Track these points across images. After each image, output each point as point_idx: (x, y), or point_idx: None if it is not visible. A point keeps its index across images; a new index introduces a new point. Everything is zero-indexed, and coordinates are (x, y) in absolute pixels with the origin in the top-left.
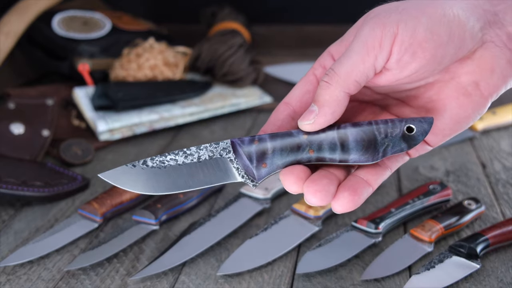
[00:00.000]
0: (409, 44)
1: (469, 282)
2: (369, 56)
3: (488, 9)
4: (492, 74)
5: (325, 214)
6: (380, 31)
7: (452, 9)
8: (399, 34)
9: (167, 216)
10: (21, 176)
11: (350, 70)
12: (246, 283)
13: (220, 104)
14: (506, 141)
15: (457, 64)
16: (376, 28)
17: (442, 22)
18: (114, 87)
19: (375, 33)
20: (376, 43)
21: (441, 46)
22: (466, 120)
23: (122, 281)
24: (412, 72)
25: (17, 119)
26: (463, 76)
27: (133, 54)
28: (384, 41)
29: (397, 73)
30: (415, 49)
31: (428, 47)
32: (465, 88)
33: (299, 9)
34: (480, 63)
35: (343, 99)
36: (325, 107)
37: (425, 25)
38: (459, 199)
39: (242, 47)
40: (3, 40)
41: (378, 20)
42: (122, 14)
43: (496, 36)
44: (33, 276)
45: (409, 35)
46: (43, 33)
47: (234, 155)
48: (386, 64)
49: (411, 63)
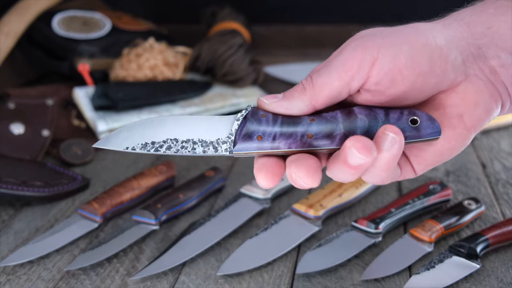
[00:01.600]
0: (389, 69)
1: (469, 282)
2: (346, 75)
3: (472, 42)
4: (475, 107)
5: (325, 214)
6: (361, 53)
7: (435, 39)
8: (379, 59)
9: (167, 216)
10: (21, 176)
11: (325, 83)
12: (246, 283)
13: (220, 104)
14: (506, 141)
15: (442, 95)
16: (357, 49)
17: (424, 52)
18: (114, 87)
19: (355, 54)
20: (355, 64)
21: (421, 75)
22: (449, 152)
23: (122, 281)
24: (392, 98)
25: (17, 119)
26: (449, 108)
27: (133, 54)
28: (363, 63)
29: (377, 96)
30: (395, 76)
31: (408, 75)
32: (450, 120)
33: (299, 9)
34: (464, 96)
35: (306, 108)
36: (285, 102)
37: (406, 53)
38: (459, 199)
39: (242, 47)
40: (3, 40)
41: (361, 42)
42: (122, 14)
43: (479, 70)
44: (33, 276)
45: (389, 60)
46: (43, 33)
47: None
48: (365, 85)
49: (390, 89)
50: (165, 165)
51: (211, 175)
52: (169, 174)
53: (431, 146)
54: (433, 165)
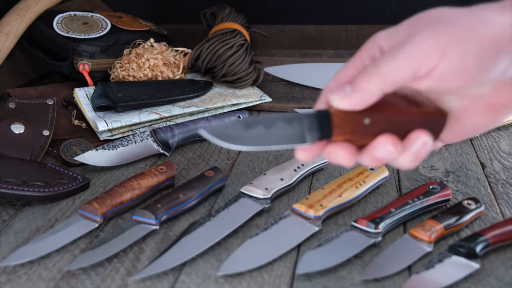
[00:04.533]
0: (457, 65)
1: (469, 282)
2: (414, 65)
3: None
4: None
5: (325, 214)
6: (432, 44)
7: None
8: (449, 54)
9: (167, 216)
10: (21, 176)
11: (393, 71)
12: (246, 283)
13: (220, 104)
14: (506, 141)
15: (493, 86)
16: (429, 39)
17: (491, 51)
18: (114, 87)
19: (426, 43)
20: (424, 56)
21: (485, 72)
22: (484, 129)
23: (123, 281)
24: (450, 87)
25: (17, 119)
26: (495, 98)
27: (133, 54)
28: (432, 55)
29: (436, 84)
30: (460, 71)
31: (472, 72)
32: (493, 107)
33: (299, 10)
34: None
35: (376, 94)
36: (357, 93)
37: (475, 51)
38: (459, 199)
39: (242, 47)
40: (3, 40)
41: (432, 31)
42: (122, 14)
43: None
44: (33, 276)
45: (458, 57)
46: (43, 33)
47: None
48: (430, 74)
49: (451, 82)
50: (165, 165)
51: (211, 175)
52: (169, 174)
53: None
54: (467, 136)
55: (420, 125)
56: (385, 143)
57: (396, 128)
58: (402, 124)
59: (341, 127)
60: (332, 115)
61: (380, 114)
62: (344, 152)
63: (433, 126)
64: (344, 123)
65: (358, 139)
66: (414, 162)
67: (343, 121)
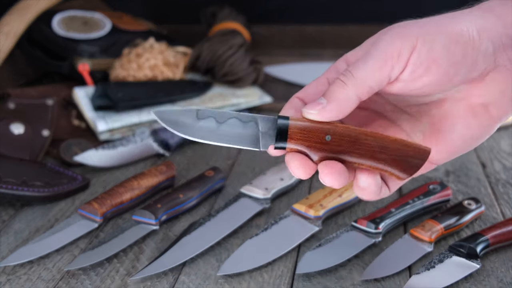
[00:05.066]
0: (425, 58)
1: (469, 282)
2: (386, 65)
3: (503, 32)
4: (502, 97)
5: (325, 214)
6: (400, 42)
7: (469, 30)
8: (417, 48)
9: (167, 216)
10: (21, 176)
11: (367, 75)
12: (246, 283)
13: (220, 104)
14: (506, 141)
15: (468, 85)
16: (396, 39)
17: (459, 42)
18: (114, 87)
19: (395, 43)
20: (395, 53)
21: (454, 64)
22: (472, 141)
23: (122, 281)
24: (423, 86)
25: (17, 119)
26: (474, 98)
27: (133, 54)
28: (402, 52)
29: (409, 84)
30: (430, 64)
31: (442, 64)
32: (475, 109)
33: (299, 9)
34: (492, 86)
35: (353, 101)
36: (334, 103)
37: (442, 42)
38: (459, 199)
39: (242, 47)
40: (3, 40)
41: (399, 31)
42: (122, 14)
43: (508, 60)
44: (33, 276)
45: (426, 49)
46: (43, 33)
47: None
48: (400, 75)
49: (423, 77)
50: (165, 165)
51: (211, 175)
52: (169, 174)
53: (454, 133)
54: (456, 154)
55: (389, 154)
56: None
57: (359, 151)
58: (368, 149)
59: (298, 139)
60: (291, 125)
61: (342, 134)
62: (296, 165)
63: (407, 158)
64: (301, 136)
65: (316, 154)
66: (364, 196)
67: (301, 133)
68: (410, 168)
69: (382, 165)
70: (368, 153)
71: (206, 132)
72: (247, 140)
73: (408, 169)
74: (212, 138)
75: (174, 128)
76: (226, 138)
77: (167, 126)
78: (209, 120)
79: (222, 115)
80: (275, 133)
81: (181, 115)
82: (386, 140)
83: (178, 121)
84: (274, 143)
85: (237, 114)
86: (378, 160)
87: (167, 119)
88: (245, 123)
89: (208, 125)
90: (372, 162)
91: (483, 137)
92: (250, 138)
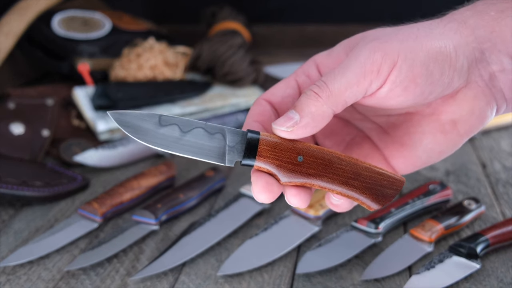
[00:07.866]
0: (405, 76)
1: (469, 282)
2: (365, 80)
3: (476, 47)
4: (471, 115)
5: (325, 214)
6: (381, 57)
7: (447, 46)
8: (398, 65)
9: (167, 216)
10: (21, 176)
11: (343, 89)
12: (246, 283)
13: (220, 104)
14: (506, 141)
15: (439, 101)
16: (376, 52)
17: (437, 60)
18: (114, 87)
19: (375, 57)
20: (375, 68)
21: (432, 84)
22: (438, 155)
23: (122, 281)
24: (397, 104)
25: (17, 119)
26: (444, 114)
27: (133, 54)
28: (383, 67)
29: (383, 101)
30: (408, 84)
31: (420, 83)
32: (443, 125)
33: (299, 9)
34: (462, 103)
35: (328, 115)
36: (308, 119)
37: (422, 60)
38: (459, 199)
39: (242, 47)
40: (3, 40)
41: (379, 45)
42: (122, 14)
43: (479, 76)
44: (33, 276)
45: (406, 67)
46: (43, 33)
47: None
48: (377, 91)
49: (400, 97)
50: (165, 165)
51: (211, 175)
52: (169, 174)
53: (420, 147)
54: (420, 166)
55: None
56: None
57: (331, 176)
58: (341, 173)
59: (267, 157)
60: (261, 140)
61: (316, 156)
62: (260, 188)
63: (381, 188)
64: (271, 154)
65: (285, 176)
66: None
67: (272, 151)
68: (382, 198)
69: (354, 192)
70: (340, 178)
71: (168, 140)
72: (212, 153)
73: (379, 199)
74: (174, 148)
75: (132, 134)
76: (189, 149)
77: (125, 131)
78: (172, 128)
79: (187, 124)
80: (243, 148)
81: (141, 119)
82: (360, 166)
83: (138, 126)
84: (242, 159)
85: (204, 124)
86: (350, 186)
87: (126, 122)
88: (211, 135)
89: (171, 133)
90: (343, 189)
91: (449, 152)
92: (216, 151)
